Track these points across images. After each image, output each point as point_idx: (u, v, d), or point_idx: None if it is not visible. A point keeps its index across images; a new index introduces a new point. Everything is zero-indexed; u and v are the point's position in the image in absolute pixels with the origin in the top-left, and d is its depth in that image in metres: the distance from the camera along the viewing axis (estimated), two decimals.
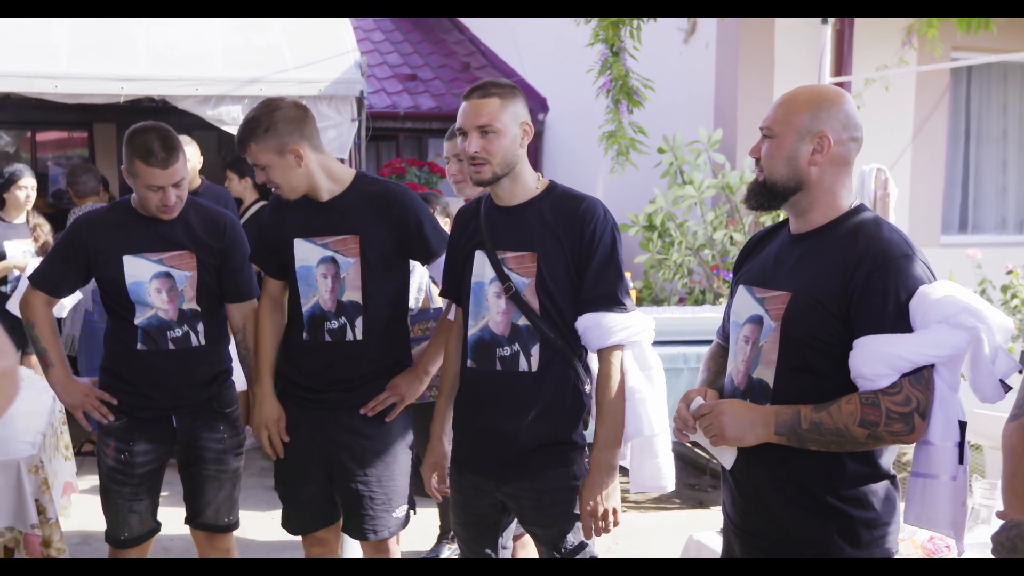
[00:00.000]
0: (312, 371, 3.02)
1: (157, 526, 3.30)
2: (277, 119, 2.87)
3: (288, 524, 3.22)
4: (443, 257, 2.89)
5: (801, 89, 2.21)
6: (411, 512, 3.14)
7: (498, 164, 2.54)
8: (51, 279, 3.19)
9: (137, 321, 3.12)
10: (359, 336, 2.96)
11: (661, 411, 2.67)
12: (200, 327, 3.17)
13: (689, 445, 6.08)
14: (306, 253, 2.97)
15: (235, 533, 3.39)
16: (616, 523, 2.59)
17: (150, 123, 3.09)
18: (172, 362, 3.15)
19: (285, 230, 3.01)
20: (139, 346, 3.13)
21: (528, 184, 2.63)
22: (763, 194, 2.18)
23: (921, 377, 2.00)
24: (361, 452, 3.00)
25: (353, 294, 2.94)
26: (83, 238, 3.15)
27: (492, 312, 2.62)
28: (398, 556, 3.19)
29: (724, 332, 2.41)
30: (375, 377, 3.01)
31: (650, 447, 2.70)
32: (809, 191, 2.14)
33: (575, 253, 2.55)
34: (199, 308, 3.17)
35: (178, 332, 3.14)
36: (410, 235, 2.94)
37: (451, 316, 2.88)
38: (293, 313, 3.05)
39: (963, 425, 2.03)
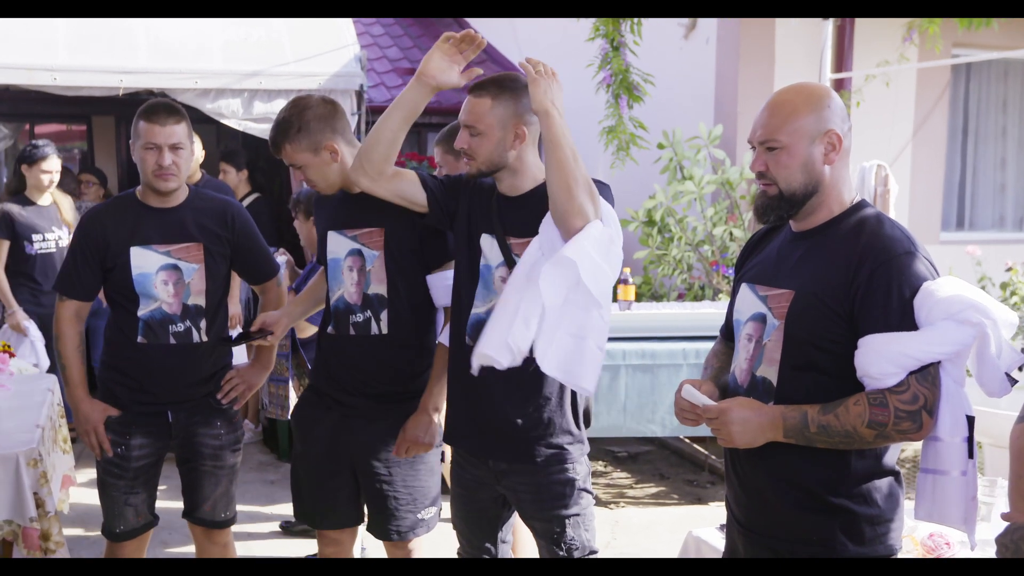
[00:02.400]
0: (337, 366, 3.00)
1: (154, 520, 3.29)
2: (308, 118, 2.88)
3: (305, 517, 3.18)
4: (446, 271, 2.89)
5: (790, 92, 2.15)
6: (439, 513, 3.10)
7: (482, 163, 2.61)
8: (76, 282, 3.15)
9: (140, 313, 3.11)
10: (384, 330, 2.93)
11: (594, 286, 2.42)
12: (203, 323, 3.16)
13: (687, 440, 6.09)
14: (336, 245, 2.97)
15: (234, 527, 3.38)
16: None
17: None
18: (172, 357, 3.13)
19: (322, 223, 3.04)
20: (140, 339, 3.12)
21: (533, 176, 2.65)
22: (782, 207, 2.13)
23: (928, 374, 1.99)
24: (385, 452, 2.96)
25: (379, 287, 2.92)
26: (94, 233, 3.14)
27: (499, 295, 2.62)
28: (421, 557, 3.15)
29: (727, 330, 2.40)
30: (398, 376, 2.97)
31: (562, 324, 2.43)
32: (822, 191, 2.13)
33: None
34: (203, 304, 3.16)
35: (180, 327, 3.13)
36: (429, 234, 2.90)
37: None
38: (326, 306, 3.05)
39: (971, 420, 2.02)
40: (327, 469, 3.04)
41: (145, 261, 3.10)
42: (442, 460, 3.10)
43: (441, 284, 2.90)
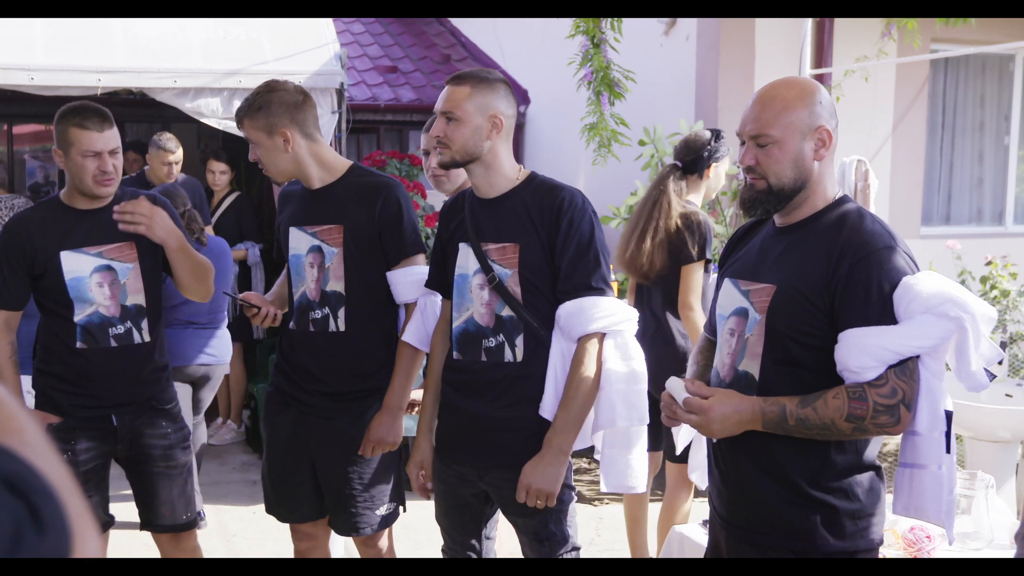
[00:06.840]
0: (296, 362, 3.02)
1: (110, 520, 3.23)
2: (272, 100, 2.89)
3: (272, 511, 3.21)
4: (406, 268, 2.90)
5: (780, 87, 2.15)
6: (400, 509, 3.12)
7: (457, 151, 2.59)
8: (4, 292, 3.04)
9: (77, 319, 3.02)
10: (341, 327, 2.94)
11: (639, 405, 2.63)
12: (144, 323, 3.09)
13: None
14: (297, 242, 2.98)
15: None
16: (551, 505, 2.57)
17: (80, 102, 3.06)
18: (113, 360, 3.05)
19: (284, 220, 3.05)
20: (79, 344, 3.03)
21: (507, 175, 2.64)
22: (770, 201, 2.14)
23: (907, 368, 2.00)
24: (342, 450, 2.97)
25: (336, 284, 2.93)
26: (21, 238, 3.03)
27: (476, 304, 2.63)
28: (390, 550, 3.17)
29: (711, 326, 2.41)
30: (355, 374, 2.98)
31: (623, 441, 2.67)
32: (809, 186, 2.13)
33: (552, 245, 2.56)
34: (143, 304, 3.08)
35: (120, 329, 3.05)
36: (387, 230, 2.92)
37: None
38: (290, 302, 3.06)
39: (949, 414, 2.04)
40: (288, 466, 3.07)
41: (77, 265, 3.01)
42: (402, 459, 3.11)
43: (402, 280, 2.91)
